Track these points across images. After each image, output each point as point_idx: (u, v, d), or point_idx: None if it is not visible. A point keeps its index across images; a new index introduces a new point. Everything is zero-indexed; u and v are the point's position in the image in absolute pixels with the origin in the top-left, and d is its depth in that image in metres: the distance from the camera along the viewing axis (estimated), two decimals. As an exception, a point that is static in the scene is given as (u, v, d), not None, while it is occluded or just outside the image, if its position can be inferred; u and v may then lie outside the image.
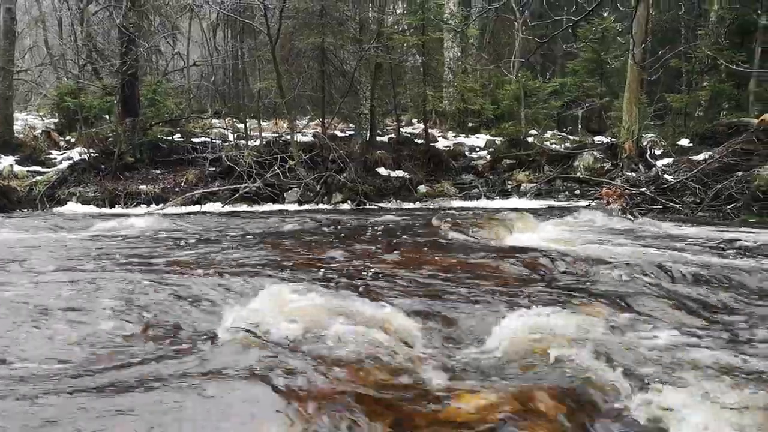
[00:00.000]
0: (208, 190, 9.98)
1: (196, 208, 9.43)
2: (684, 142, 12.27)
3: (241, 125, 12.61)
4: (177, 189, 10.22)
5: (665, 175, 9.56)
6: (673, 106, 13.68)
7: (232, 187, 9.86)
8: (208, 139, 11.97)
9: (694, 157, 10.07)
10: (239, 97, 14.88)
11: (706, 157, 9.68)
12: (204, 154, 10.74)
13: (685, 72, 13.87)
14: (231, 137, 12.48)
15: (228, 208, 9.46)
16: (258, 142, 11.48)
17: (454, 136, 15.19)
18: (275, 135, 12.47)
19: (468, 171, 12.46)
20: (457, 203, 10.48)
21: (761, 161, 8.56)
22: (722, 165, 9.06)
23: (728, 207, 8.24)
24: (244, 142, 11.55)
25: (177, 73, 16.17)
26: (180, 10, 15.19)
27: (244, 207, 9.57)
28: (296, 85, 11.47)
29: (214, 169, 10.67)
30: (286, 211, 8.89)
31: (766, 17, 11.91)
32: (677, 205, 8.60)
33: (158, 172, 10.96)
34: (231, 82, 16.38)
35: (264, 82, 11.90)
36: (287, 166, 10.11)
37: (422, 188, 11.21)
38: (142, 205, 9.74)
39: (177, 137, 12.35)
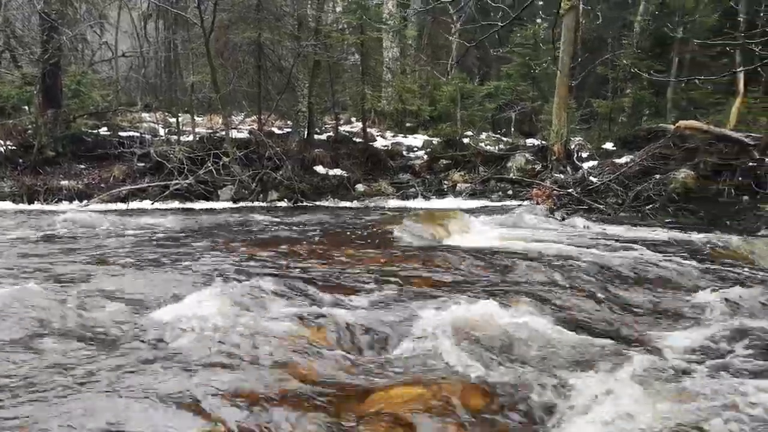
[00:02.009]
0: (137, 186, 9.58)
1: (123, 205, 9.03)
2: (608, 145, 12.92)
3: (174, 120, 12.19)
4: (102, 185, 9.75)
5: (591, 177, 10.02)
6: (599, 112, 14.38)
7: (162, 183, 9.50)
8: (137, 134, 11.49)
9: (617, 161, 10.61)
10: (171, 90, 14.35)
11: (628, 160, 10.22)
12: (132, 149, 10.30)
13: (611, 79, 14.60)
14: (162, 132, 12.03)
15: (158, 206, 9.11)
16: (191, 138, 11.13)
17: (393, 136, 15.32)
18: (209, 131, 12.14)
19: (406, 170, 12.59)
20: (395, 202, 10.56)
21: (677, 165, 9.12)
22: (642, 168, 9.59)
23: (647, 208, 8.73)
24: (175, 137, 11.16)
25: (104, 64, 15.42)
26: (108, -3, 14.49)
27: (175, 204, 9.25)
28: (231, 80, 11.19)
29: (143, 164, 10.25)
30: (220, 208, 8.68)
31: (683, 30, 12.72)
32: (601, 206, 9.02)
33: (82, 167, 10.41)
34: (163, 75, 15.78)
35: (198, 75, 11.53)
36: (221, 162, 9.85)
37: (360, 187, 11.22)
38: (64, 202, 9.22)
39: (103, 131, 11.79)
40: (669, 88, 13.17)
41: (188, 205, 9.26)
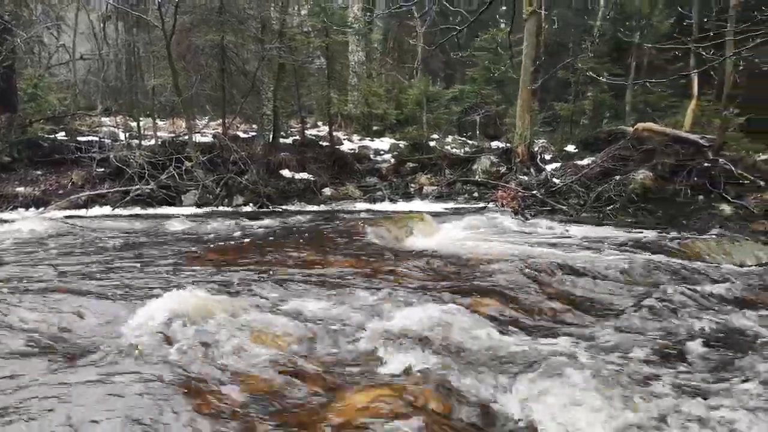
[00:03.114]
0: (96, 192, 9.32)
1: (83, 212, 8.78)
2: (570, 148, 13.18)
3: (135, 124, 11.93)
4: (60, 191, 9.46)
5: (554, 179, 10.20)
6: (561, 115, 14.67)
7: (122, 189, 9.27)
8: (97, 138, 11.20)
9: (579, 162, 10.82)
10: (132, 94, 14.04)
11: (589, 162, 10.44)
12: (91, 154, 10.02)
13: (573, 83, 14.92)
14: (122, 136, 11.76)
15: (119, 212, 8.89)
16: (153, 142, 10.90)
17: (360, 139, 15.34)
18: (172, 135, 11.92)
19: (372, 174, 12.61)
20: (362, 206, 10.54)
21: (635, 166, 9.36)
22: (603, 169, 9.80)
23: (608, 208, 8.93)
24: (136, 141, 10.91)
25: (62, 67, 14.99)
26: (66, -2, 14.10)
27: (137, 210, 9.03)
28: (194, 83, 11.00)
29: (102, 170, 10.00)
30: (183, 214, 8.51)
31: (639, 35, 13.09)
32: (564, 207, 9.19)
33: (39, 173, 10.08)
34: (124, 78, 15.43)
35: (159, 78, 11.31)
36: (184, 167, 9.68)
37: (327, 191, 11.17)
38: (19, 209, 8.91)
39: (61, 135, 11.46)
40: (627, 91, 13.55)
41: (150, 210, 9.06)
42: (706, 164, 8.95)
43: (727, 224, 7.77)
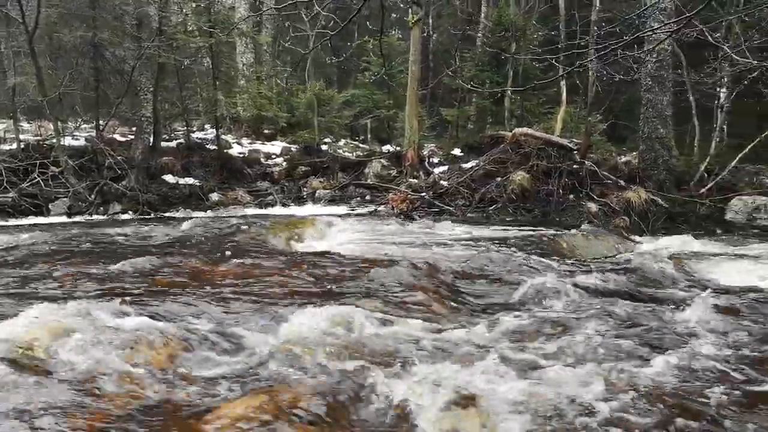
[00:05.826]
0: (-56, 202, 8.31)
1: (-73, 224, 7.77)
2: (457, 151, 13.75)
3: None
4: None
5: (441, 181, 10.59)
6: (449, 120, 15.26)
7: (-24, 199, 8.34)
8: (-54, 142, 10.00)
9: (464, 165, 11.32)
10: (-9, 93, 12.67)
11: (473, 165, 10.95)
12: (-64, 161, 8.92)
13: (459, 90, 15.57)
14: (-22, 140, 10.59)
15: (-27, 224, 7.97)
16: (14, 146, 9.89)
17: (250, 143, 14.93)
18: (38, 138, 10.90)
19: (264, 178, 12.36)
20: (252, 211, 10.29)
21: (514, 169, 9.96)
22: (486, 172, 10.33)
23: (491, 208, 9.43)
24: (-6, 145, 9.87)
25: None
26: None
27: (-5, 221, 8.16)
28: (62, 82, 10.11)
29: (-47, 177, 8.92)
30: (51, 224, 7.81)
31: (515, 46, 13.98)
32: (451, 208, 9.57)
33: None
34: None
35: (22, 77, 10.29)
36: (51, 173, 8.87)
37: (214, 196, 10.77)
38: None
39: None
40: (506, 98, 14.41)
41: (12, 221, 8.22)
42: (575, 166, 9.72)
43: (593, 220, 8.52)
